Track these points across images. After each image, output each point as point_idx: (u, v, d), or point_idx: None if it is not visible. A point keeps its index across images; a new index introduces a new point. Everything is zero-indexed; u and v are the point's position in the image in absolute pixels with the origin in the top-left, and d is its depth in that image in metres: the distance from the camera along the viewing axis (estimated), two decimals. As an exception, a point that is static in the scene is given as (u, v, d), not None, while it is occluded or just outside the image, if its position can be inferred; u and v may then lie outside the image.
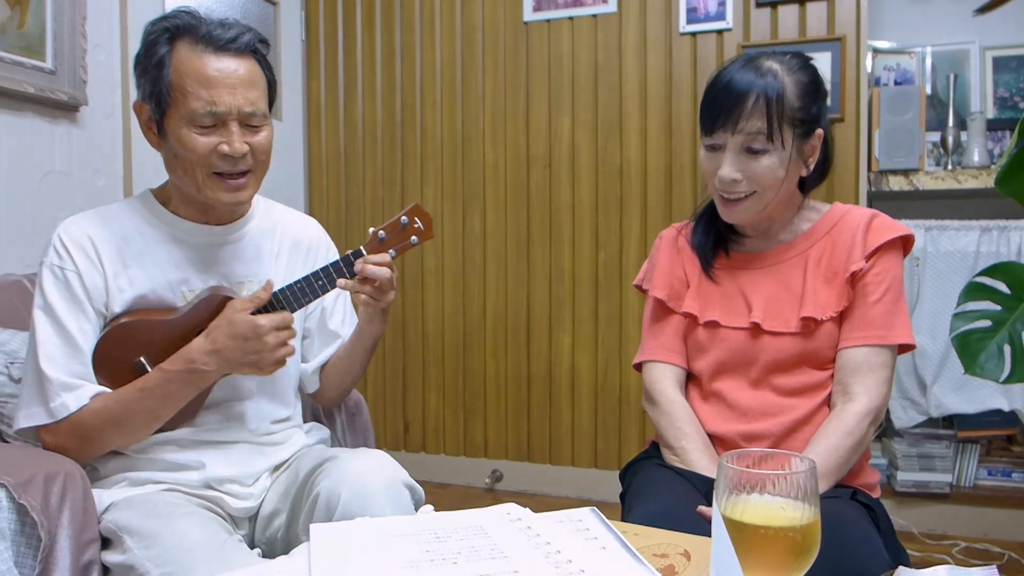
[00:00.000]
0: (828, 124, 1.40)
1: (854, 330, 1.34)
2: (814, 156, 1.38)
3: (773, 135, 1.29)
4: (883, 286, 1.34)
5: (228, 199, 1.35)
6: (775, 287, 1.40)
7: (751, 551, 0.70)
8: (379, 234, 1.43)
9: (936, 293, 2.68)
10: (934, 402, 2.67)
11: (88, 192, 2.26)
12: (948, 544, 2.58)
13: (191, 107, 1.27)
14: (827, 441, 1.29)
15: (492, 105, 3.17)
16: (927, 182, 2.67)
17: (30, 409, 1.27)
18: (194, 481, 1.33)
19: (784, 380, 1.37)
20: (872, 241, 1.35)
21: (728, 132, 1.32)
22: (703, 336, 1.44)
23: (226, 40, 1.29)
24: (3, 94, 2.00)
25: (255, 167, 1.36)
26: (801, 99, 1.32)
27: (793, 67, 1.34)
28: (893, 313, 1.34)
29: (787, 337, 1.36)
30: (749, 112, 1.29)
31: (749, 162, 1.32)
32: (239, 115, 1.30)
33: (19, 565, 1.10)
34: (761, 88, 1.29)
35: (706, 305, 1.44)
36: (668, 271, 1.51)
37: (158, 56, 1.29)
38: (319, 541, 0.90)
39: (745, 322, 1.39)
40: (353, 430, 1.77)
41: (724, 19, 2.83)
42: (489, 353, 3.21)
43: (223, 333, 1.29)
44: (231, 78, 1.29)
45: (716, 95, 1.33)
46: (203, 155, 1.29)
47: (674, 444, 1.40)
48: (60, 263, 1.31)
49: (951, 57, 3.00)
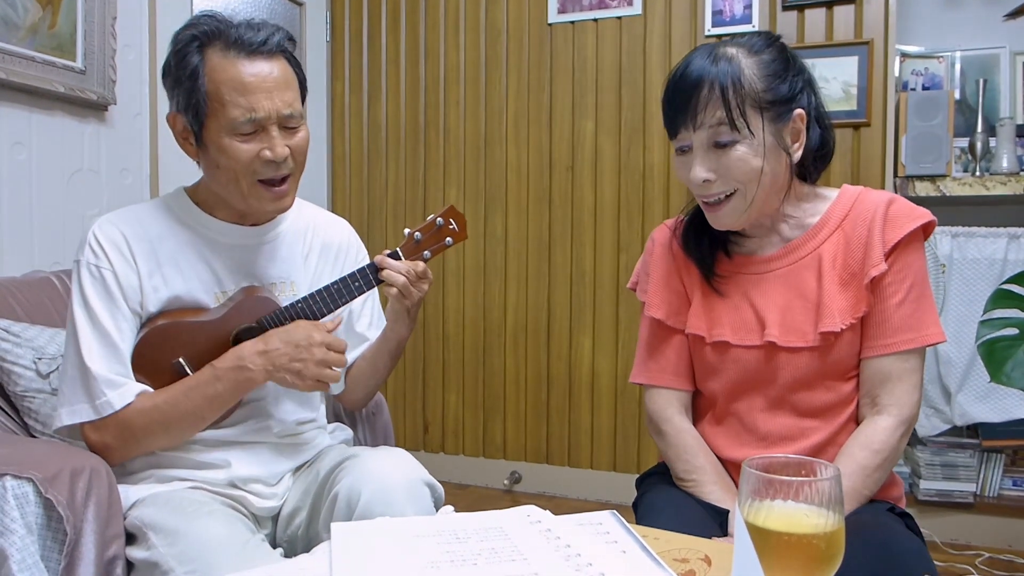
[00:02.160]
0: (814, 102, 1.26)
1: (879, 337, 1.22)
2: (799, 139, 1.23)
3: (736, 122, 1.17)
4: (906, 284, 1.21)
5: (272, 208, 1.35)
6: (788, 296, 1.26)
7: (774, 558, 0.69)
8: (415, 235, 1.43)
9: (962, 300, 2.65)
10: (959, 410, 2.64)
11: (116, 191, 2.29)
12: (971, 555, 2.55)
13: (231, 116, 1.26)
14: (854, 460, 1.19)
15: (516, 107, 3.17)
16: (954, 188, 2.64)
17: (74, 406, 1.27)
18: (219, 480, 1.34)
19: (805, 398, 1.26)
20: (891, 236, 1.21)
21: (690, 130, 1.20)
22: (713, 357, 1.31)
23: (257, 43, 1.27)
24: (34, 93, 2.03)
25: (295, 169, 1.35)
26: (765, 79, 1.19)
27: (755, 47, 1.22)
28: (919, 312, 1.22)
29: (805, 352, 1.24)
30: (705, 103, 1.18)
31: (719, 158, 1.20)
32: (278, 118, 1.29)
33: (45, 559, 1.11)
34: (715, 75, 1.17)
35: (713, 322, 1.31)
36: (664, 284, 1.38)
37: (191, 67, 1.27)
38: (340, 540, 0.90)
39: (759, 339, 1.26)
40: (373, 430, 1.78)
41: (750, 22, 2.82)
42: (509, 354, 3.22)
43: (277, 336, 1.31)
44: (267, 82, 1.27)
45: (670, 92, 1.23)
46: (247, 163, 1.28)
47: (685, 478, 1.31)
48: (96, 261, 1.31)
49: (981, 62, 2.97)
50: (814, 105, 1.26)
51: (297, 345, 1.30)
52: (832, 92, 2.71)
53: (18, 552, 1.07)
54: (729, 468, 1.32)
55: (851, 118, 2.70)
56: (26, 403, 1.47)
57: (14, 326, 1.51)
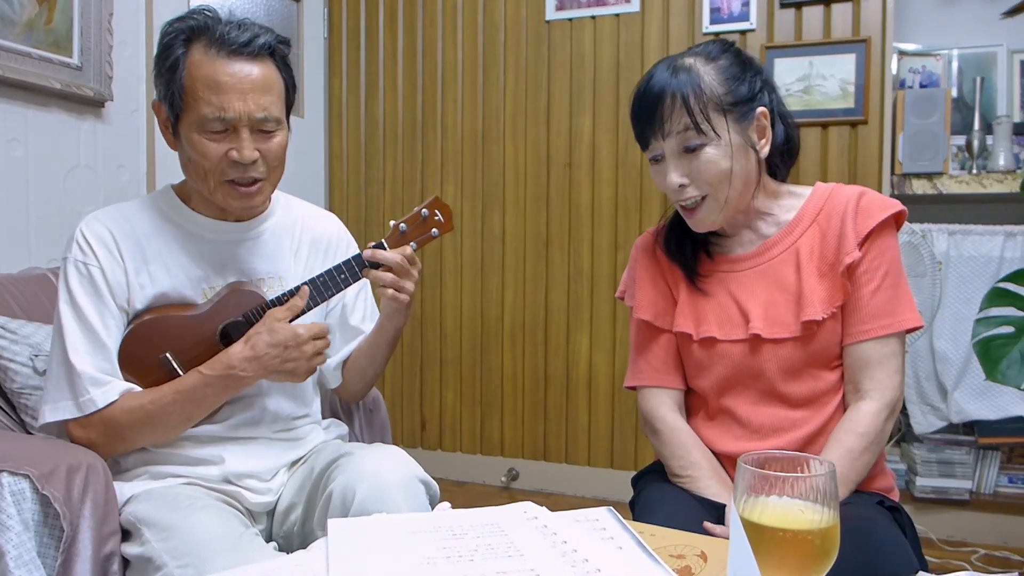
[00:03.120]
0: (775, 100, 1.32)
1: (858, 324, 1.27)
2: (765, 136, 1.29)
3: (701, 126, 1.23)
4: (880, 271, 1.26)
5: (238, 205, 1.35)
6: (769, 290, 1.31)
7: (769, 553, 0.69)
8: (400, 227, 1.43)
9: (958, 298, 2.65)
10: (955, 408, 2.65)
11: (112, 187, 2.29)
12: (967, 551, 2.56)
13: (201, 112, 1.26)
14: (840, 446, 1.24)
15: (513, 104, 3.17)
16: (951, 186, 2.64)
17: (57, 403, 1.27)
18: (213, 475, 1.34)
19: (794, 388, 1.30)
20: (863, 225, 1.26)
21: (659, 139, 1.27)
22: (701, 354, 1.35)
23: (240, 43, 1.27)
24: (30, 89, 2.03)
25: (267, 174, 1.34)
26: (725, 83, 1.25)
27: (711, 54, 1.28)
28: (895, 298, 1.26)
29: (789, 343, 1.28)
30: (670, 112, 1.24)
31: (691, 162, 1.25)
32: (250, 121, 1.28)
33: (41, 556, 1.11)
34: (676, 86, 1.24)
35: (700, 320, 1.35)
36: (651, 287, 1.42)
37: (173, 58, 1.28)
38: (337, 536, 0.90)
39: (743, 333, 1.31)
40: (371, 427, 1.78)
41: (748, 20, 2.82)
42: (507, 352, 3.22)
43: (264, 341, 1.30)
44: (243, 83, 1.27)
45: (636, 107, 1.30)
46: (215, 161, 1.28)
47: (680, 474, 1.33)
48: (84, 259, 1.31)
49: (978, 60, 2.97)
50: (775, 103, 1.32)
51: (286, 347, 1.31)
52: (829, 90, 2.71)
53: (15, 548, 1.07)
54: (724, 463, 1.34)
55: (848, 116, 2.70)
56: (22, 400, 1.47)
57: (10, 323, 1.51)
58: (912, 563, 1.11)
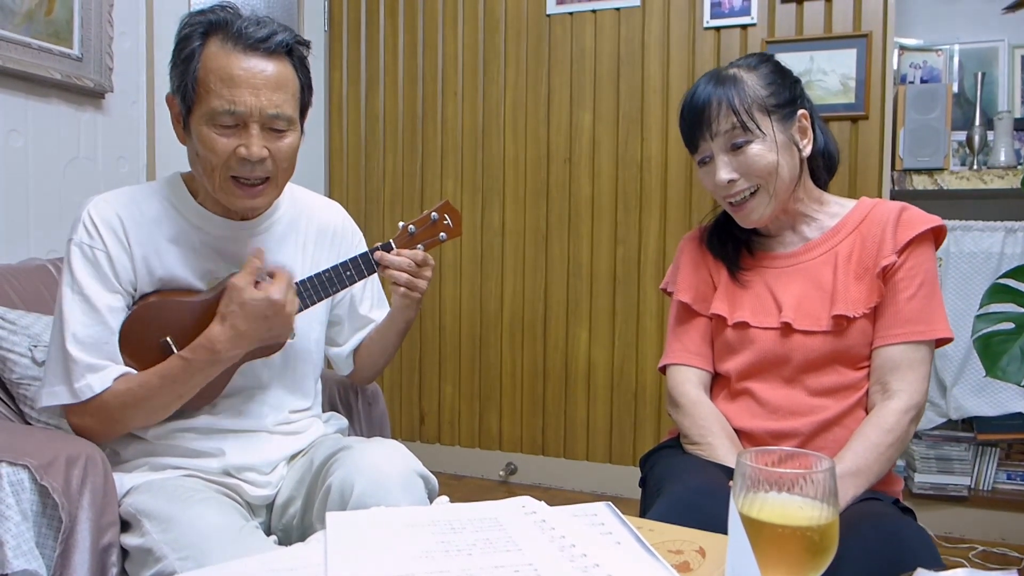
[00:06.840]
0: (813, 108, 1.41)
1: (890, 327, 1.32)
2: (807, 137, 1.39)
3: (747, 124, 1.32)
4: (917, 280, 1.32)
5: (241, 205, 1.33)
6: (805, 285, 1.38)
7: (768, 549, 0.70)
8: (408, 228, 1.45)
9: (959, 294, 2.65)
10: (954, 404, 2.65)
11: (112, 178, 2.28)
12: (965, 548, 2.56)
13: (212, 105, 1.24)
14: (867, 439, 1.27)
15: (513, 98, 3.16)
16: (952, 181, 2.64)
17: (53, 388, 1.28)
18: (213, 468, 1.34)
19: (816, 380, 1.35)
20: (903, 235, 1.33)
21: (708, 140, 1.36)
22: (733, 337, 1.41)
23: (257, 39, 1.26)
24: (30, 80, 2.02)
25: (275, 174, 1.32)
26: (767, 87, 1.35)
27: (752, 64, 1.39)
28: (930, 307, 1.32)
29: (819, 336, 1.34)
30: (716, 114, 1.34)
31: (738, 158, 1.34)
32: (261, 117, 1.26)
33: (40, 546, 1.11)
34: (721, 93, 1.34)
35: (735, 306, 1.42)
36: (693, 273, 1.50)
37: (189, 50, 1.27)
38: (335, 529, 0.90)
39: (775, 322, 1.37)
40: (370, 420, 1.79)
41: (749, 14, 2.81)
42: (505, 346, 3.22)
43: (241, 317, 1.27)
44: (256, 78, 1.25)
45: (685, 114, 1.39)
46: (222, 156, 1.26)
47: (700, 441, 1.38)
48: (90, 242, 1.30)
49: (979, 55, 2.97)
50: (813, 111, 1.41)
51: (266, 316, 1.28)
52: (830, 85, 2.71)
53: (13, 539, 1.07)
54: (742, 438, 1.40)
55: (849, 111, 2.69)
56: (21, 390, 1.47)
57: (10, 313, 1.51)
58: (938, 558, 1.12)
